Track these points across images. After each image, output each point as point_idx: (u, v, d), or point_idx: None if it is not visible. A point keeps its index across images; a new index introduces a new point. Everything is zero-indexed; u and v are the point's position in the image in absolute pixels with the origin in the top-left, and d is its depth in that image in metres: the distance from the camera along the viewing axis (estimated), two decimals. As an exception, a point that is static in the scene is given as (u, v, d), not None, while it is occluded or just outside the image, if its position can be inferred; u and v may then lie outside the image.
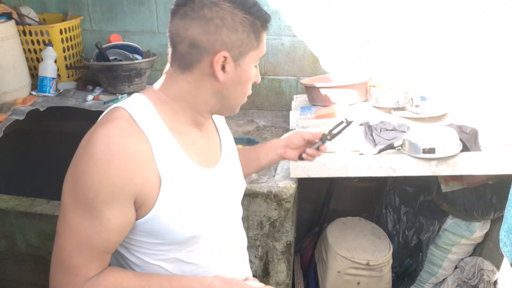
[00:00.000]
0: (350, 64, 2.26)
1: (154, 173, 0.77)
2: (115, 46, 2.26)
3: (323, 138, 1.14)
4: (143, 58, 2.22)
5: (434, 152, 1.43)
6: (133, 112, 0.78)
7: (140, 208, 0.78)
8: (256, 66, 0.87)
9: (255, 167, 1.18)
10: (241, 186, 1.03)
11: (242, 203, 1.47)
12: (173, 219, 0.80)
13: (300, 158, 1.15)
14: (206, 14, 0.75)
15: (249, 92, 0.89)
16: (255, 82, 0.89)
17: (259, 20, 0.79)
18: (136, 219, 0.79)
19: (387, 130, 1.63)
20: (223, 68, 0.79)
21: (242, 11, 0.77)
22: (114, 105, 0.82)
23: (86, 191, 0.73)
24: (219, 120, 1.04)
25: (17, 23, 2.06)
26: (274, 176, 1.66)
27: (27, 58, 2.11)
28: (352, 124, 1.19)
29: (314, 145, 1.14)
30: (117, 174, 0.73)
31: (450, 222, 1.95)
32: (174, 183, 0.79)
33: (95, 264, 0.78)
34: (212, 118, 0.99)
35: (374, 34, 2.18)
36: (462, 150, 1.47)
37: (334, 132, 1.16)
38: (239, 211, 1.04)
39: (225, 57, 0.78)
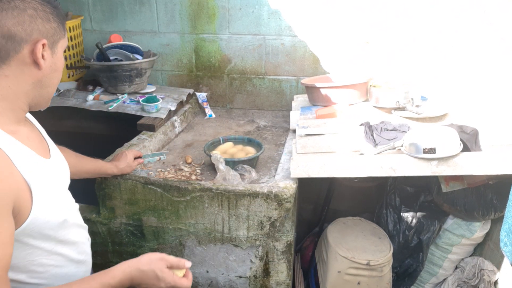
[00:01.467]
0: (351, 64, 2.26)
1: (20, 177, 0.80)
2: (116, 46, 2.27)
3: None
4: (143, 58, 2.23)
5: (434, 152, 1.43)
6: None
7: (18, 215, 0.79)
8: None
9: (82, 176, 1.33)
10: (68, 172, 1.08)
11: (243, 203, 1.49)
12: (47, 213, 0.86)
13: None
14: (18, 5, 0.78)
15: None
16: None
17: (62, 12, 0.87)
18: (16, 229, 0.80)
19: (387, 130, 1.63)
20: (42, 56, 0.83)
21: (49, 4, 0.83)
22: None
23: None
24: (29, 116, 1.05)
25: (18, 23, 2.06)
26: (274, 176, 1.66)
27: (27, 58, 2.11)
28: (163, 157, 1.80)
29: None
30: None
31: (451, 222, 1.95)
32: (37, 181, 0.83)
33: (2, 285, 0.76)
34: None
35: (374, 34, 2.18)
36: (463, 150, 1.47)
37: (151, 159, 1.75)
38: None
39: (43, 45, 0.82)
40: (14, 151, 0.80)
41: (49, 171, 0.91)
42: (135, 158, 1.64)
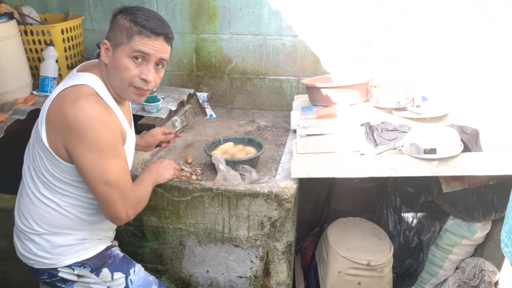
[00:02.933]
0: (351, 64, 2.26)
1: (123, 132, 1.21)
2: (116, 46, 2.26)
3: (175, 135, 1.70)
4: (144, 58, 2.22)
5: (435, 153, 1.43)
6: (96, 89, 1.16)
7: None
8: (140, 62, 1.16)
9: None
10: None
11: (243, 203, 1.50)
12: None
13: (158, 146, 1.69)
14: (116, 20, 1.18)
15: (132, 82, 1.17)
16: (142, 79, 1.17)
17: (137, 27, 1.13)
18: None
19: (388, 130, 1.63)
20: (107, 52, 1.18)
21: (131, 22, 1.13)
22: (75, 82, 1.15)
23: (108, 143, 1.11)
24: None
25: (19, 23, 2.06)
26: (275, 176, 1.66)
27: (28, 58, 2.11)
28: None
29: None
30: (115, 128, 1.15)
31: (451, 222, 1.95)
32: (126, 135, 1.24)
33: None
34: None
35: (375, 34, 2.18)
36: (463, 151, 1.47)
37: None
38: None
39: (104, 43, 1.18)
40: (118, 114, 1.22)
41: (129, 136, 1.29)
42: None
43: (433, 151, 1.43)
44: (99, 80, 1.19)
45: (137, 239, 1.72)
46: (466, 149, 1.50)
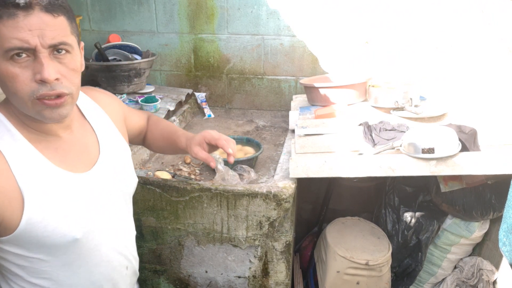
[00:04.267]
0: (350, 64, 2.26)
1: (11, 185, 0.74)
2: (114, 46, 2.26)
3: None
4: (142, 58, 2.22)
5: (433, 152, 1.43)
6: None
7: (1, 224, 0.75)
8: (25, 59, 0.73)
9: (170, 152, 1.26)
10: (127, 184, 1.00)
11: (242, 203, 1.48)
12: (45, 229, 0.78)
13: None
14: None
15: (33, 93, 0.75)
16: (40, 80, 0.74)
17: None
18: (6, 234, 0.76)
19: (386, 130, 1.63)
20: None
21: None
22: None
23: None
24: (97, 118, 0.97)
25: (16, 23, 2.05)
26: (273, 176, 1.66)
27: (26, 58, 2.10)
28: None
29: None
30: None
31: (449, 222, 1.95)
32: (40, 193, 0.77)
33: None
34: (86, 118, 0.95)
35: (373, 34, 2.18)
36: (461, 150, 1.47)
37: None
38: (126, 210, 1.02)
39: None
40: (20, 159, 0.76)
41: (72, 187, 0.83)
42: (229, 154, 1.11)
43: (431, 150, 1.43)
44: None
45: (135, 239, 1.71)
46: (464, 148, 1.50)
